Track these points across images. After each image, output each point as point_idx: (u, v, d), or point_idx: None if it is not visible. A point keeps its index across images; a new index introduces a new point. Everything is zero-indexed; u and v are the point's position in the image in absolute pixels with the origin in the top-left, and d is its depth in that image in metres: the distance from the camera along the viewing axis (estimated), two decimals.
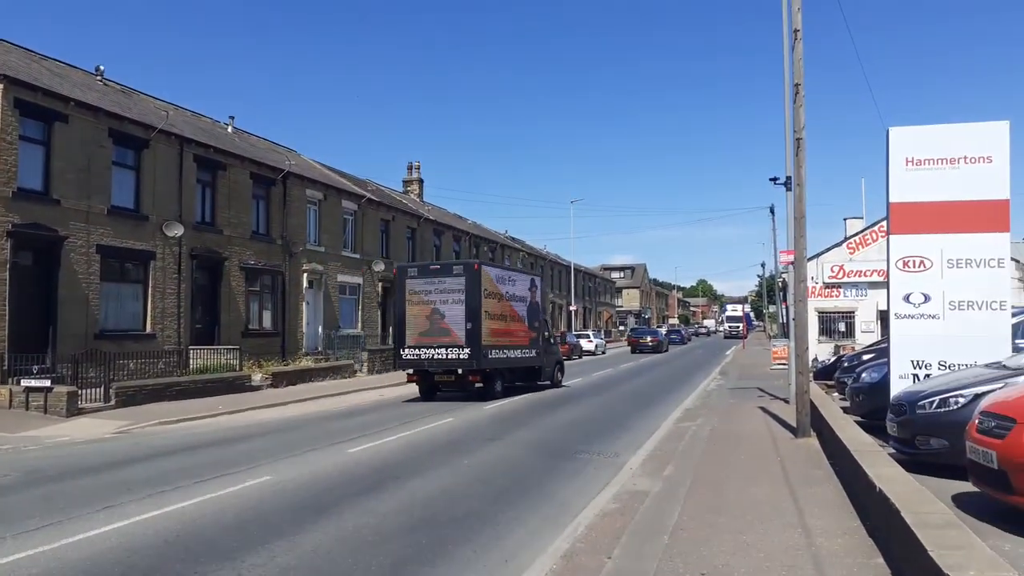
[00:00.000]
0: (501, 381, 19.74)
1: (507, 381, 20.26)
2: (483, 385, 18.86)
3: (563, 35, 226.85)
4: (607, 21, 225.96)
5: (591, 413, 16.16)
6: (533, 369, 21.77)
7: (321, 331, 28.74)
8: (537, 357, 21.72)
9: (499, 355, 19.43)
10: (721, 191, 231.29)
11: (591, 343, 46.18)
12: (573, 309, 59.05)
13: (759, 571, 5.19)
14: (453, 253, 42.11)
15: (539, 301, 22.60)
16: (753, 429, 12.48)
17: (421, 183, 46.69)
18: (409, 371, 19.47)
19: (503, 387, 19.77)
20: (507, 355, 19.92)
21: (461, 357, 18.41)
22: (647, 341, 49.54)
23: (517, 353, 20.50)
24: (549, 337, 23.52)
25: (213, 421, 15.53)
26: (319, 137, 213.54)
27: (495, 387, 19.27)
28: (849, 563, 5.27)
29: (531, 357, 21.38)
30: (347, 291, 31.31)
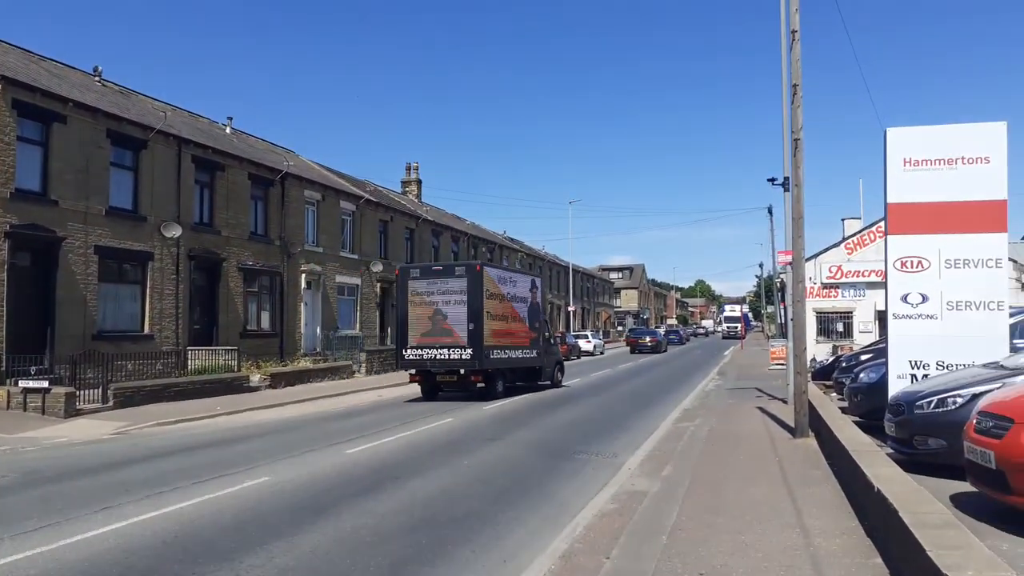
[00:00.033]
0: (503, 381, 19.77)
1: (508, 381, 20.30)
2: (485, 385, 18.92)
3: (563, 35, 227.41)
4: (607, 21, 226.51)
5: (590, 413, 16.17)
6: (534, 369, 21.80)
7: (319, 332, 28.73)
8: (538, 357, 21.76)
9: (501, 355, 19.46)
10: (720, 191, 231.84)
11: (589, 344, 46.21)
12: (571, 310, 59.05)
13: (757, 571, 5.19)
14: (451, 254, 42.11)
15: (539, 302, 22.68)
16: (751, 429, 12.49)
17: (419, 184, 46.70)
18: (411, 371, 19.50)
19: (504, 387, 19.80)
20: (508, 355, 19.94)
21: (463, 357, 18.45)
22: (646, 341, 49.77)
23: (518, 353, 20.53)
24: (549, 337, 23.60)
25: (211, 422, 15.52)
26: (319, 137, 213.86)
27: (497, 387, 19.30)
28: (847, 563, 5.28)
29: (532, 357, 21.41)
30: (345, 292, 31.31)
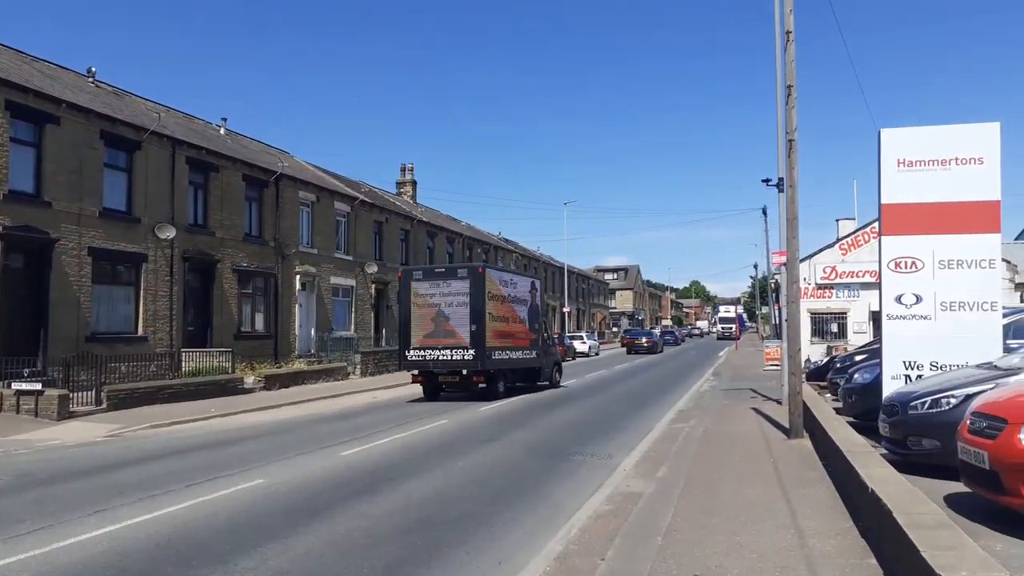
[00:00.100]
0: (503, 382, 19.96)
1: (509, 382, 20.49)
2: (486, 386, 19.12)
3: (563, 35, 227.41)
4: (607, 21, 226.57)
5: (585, 414, 16.17)
6: (533, 370, 22.01)
7: (314, 333, 28.67)
8: (537, 358, 21.97)
9: (502, 356, 19.65)
10: (716, 192, 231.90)
11: (584, 344, 46.27)
12: (566, 311, 59.06)
13: (752, 572, 5.19)
14: (446, 255, 42.08)
15: (539, 303, 22.91)
16: (746, 430, 12.51)
17: (414, 185, 46.65)
18: (414, 372, 19.64)
19: (505, 388, 19.98)
20: (509, 356, 20.13)
21: (466, 358, 18.63)
22: (642, 342, 50.13)
23: (519, 354, 20.72)
24: (548, 339, 23.87)
25: (205, 424, 15.47)
26: (318, 137, 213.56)
27: (498, 387, 19.48)
28: (842, 564, 5.29)
29: (532, 358, 21.61)
30: (340, 293, 31.26)
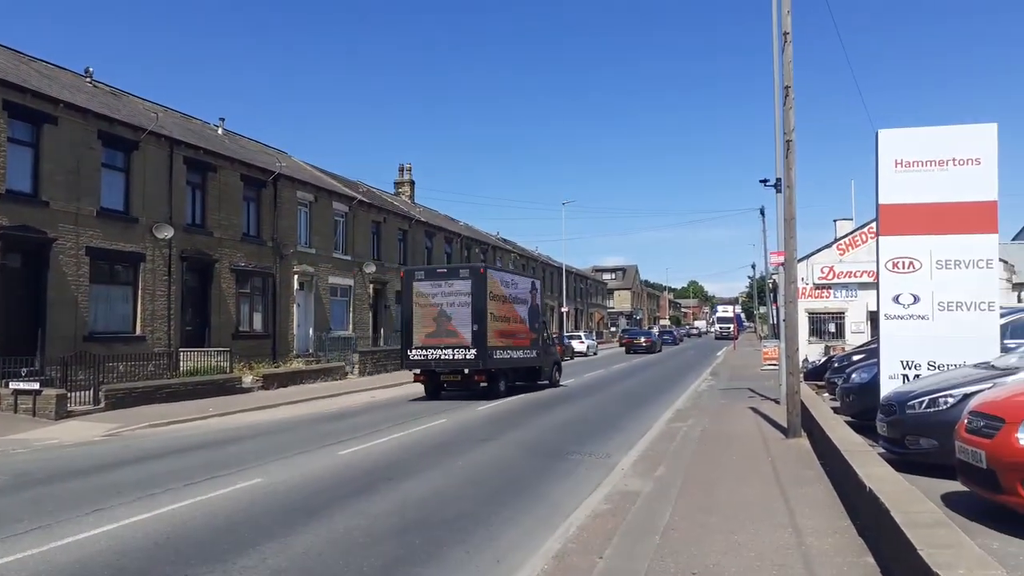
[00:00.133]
0: (504, 381, 20.13)
1: (510, 381, 20.67)
2: (488, 385, 19.30)
3: (563, 35, 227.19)
4: (607, 21, 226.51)
5: (583, 414, 16.18)
6: (534, 369, 22.24)
7: (312, 333, 28.67)
8: (537, 358, 22.20)
9: (503, 356, 19.82)
10: (715, 192, 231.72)
11: (583, 344, 46.34)
12: (564, 310, 59.08)
13: (750, 570, 5.20)
14: (444, 255, 42.08)
15: (539, 303, 23.19)
16: (744, 429, 12.52)
17: (412, 184, 46.64)
18: (416, 371, 19.77)
19: (506, 387, 20.15)
20: (510, 356, 20.32)
21: (467, 357, 18.78)
22: (641, 342, 50.57)
23: (519, 354, 20.91)
24: (548, 338, 24.14)
25: (203, 423, 15.46)
26: (317, 138, 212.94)
27: (499, 387, 19.65)
28: (839, 562, 5.29)
29: (532, 357, 21.83)
30: (338, 293, 31.26)
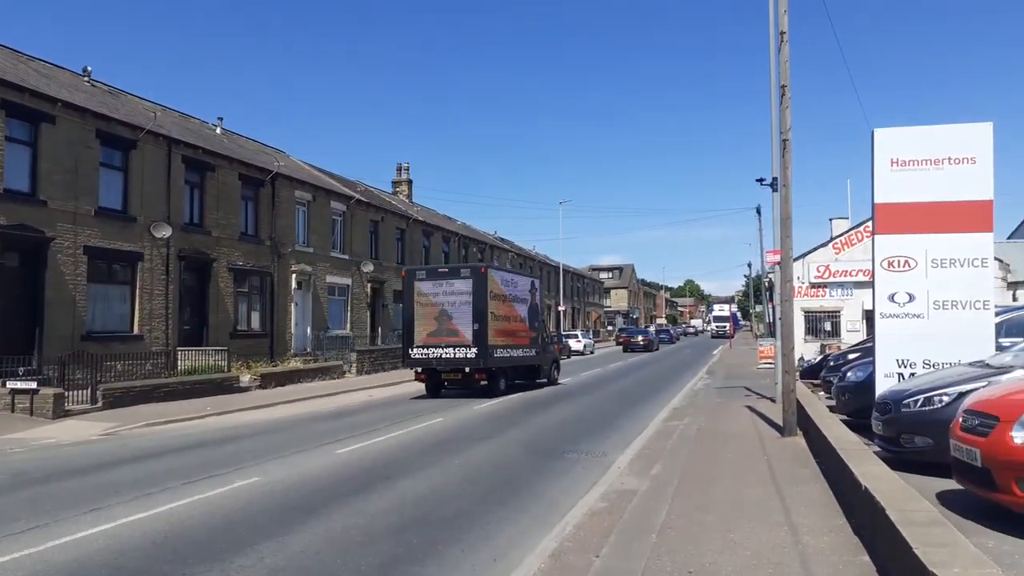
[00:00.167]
0: (505, 379, 20.31)
1: (510, 379, 20.84)
2: (488, 383, 19.47)
3: (563, 35, 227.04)
4: (607, 21, 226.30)
5: (580, 412, 16.20)
6: (533, 368, 22.47)
7: (310, 332, 28.66)
8: (537, 356, 22.42)
9: (504, 354, 20.01)
10: (712, 191, 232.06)
11: (579, 343, 46.32)
12: (562, 309, 59.08)
13: (746, 569, 5.22)
14: (442, 254, 42.09)
15: (538, 303, 23.39)
16: (740, 428, 12.54)
17: (410, 184, 46.66)
18: (417, 369, 19.93)
19: (506, 385, 20.32)
20: (511, 354, 20.51)
21: (468, 356, 18.96)
22: (638, 340, 50.94)
23: (519, 352, 21.11)
24: (547, 337, 24.40)
25: (201, 422, 15.46)
26: (317, 137, 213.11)
27: (499, 385, 19.84)
28: (835, 561, 5.32)
29: (531, 356, 22.05)
30: (336, 292, 31.24)
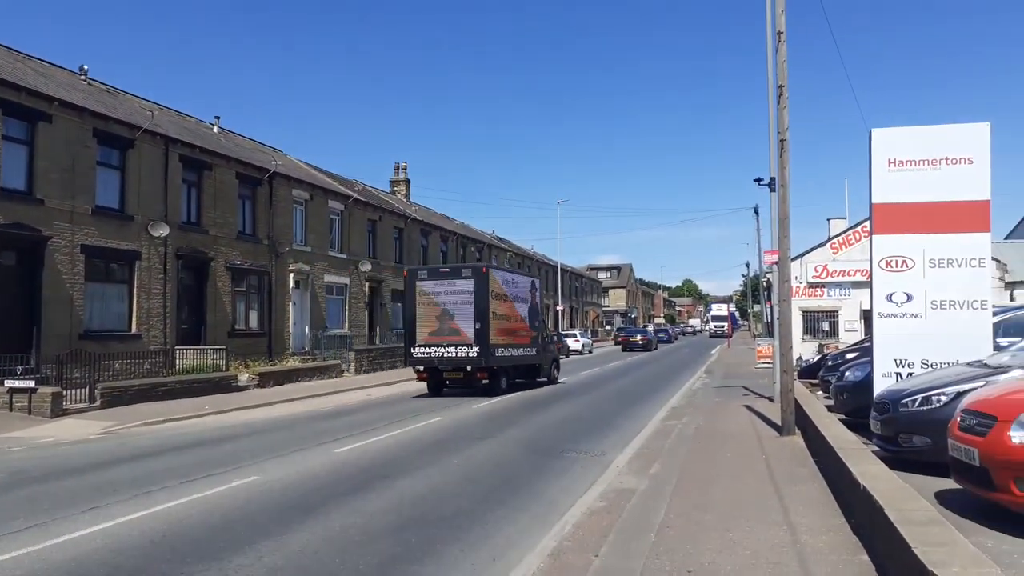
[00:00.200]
0: (506, 378, 20.43)
1: (511, 378, 20.95)
2: (489, 382, 19.56)
3: (563, 36, 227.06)
4: (607, 21, 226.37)
5: (579, 412, 16.21)
6: (533, 366, 22.62)
7: (308, 331, 28.63)
8: (537, 355, 22.57)
9: (505, 353, 20.13)
10: (710, 191, 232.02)
11: (578, 342, 46.34)
12: (560, 309, 59.08)
13: (745, 568, 5.23)
14: (440, 253, 42.07)
15: (539, 302, 23.56)
16: (738, 427, 12.56)
17: (408, 183, 46.64)
18: (419, 368, 20.03)
19: (507, 384, 20.42)
20: (512, 353, 20.65)
21: (470, 355, 19.08)
22: (637, 340, 51.29)
23: (520, 351, 21.26)
24: (547, 336, 24.55)
25: (199, 421, 15.45)
26: (318, 137, 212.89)
27: (501, 384, 19.95)
28: (834, 560, 5.32)
29: (532, 355, 22.20)
30: (334, 291, 31.21)
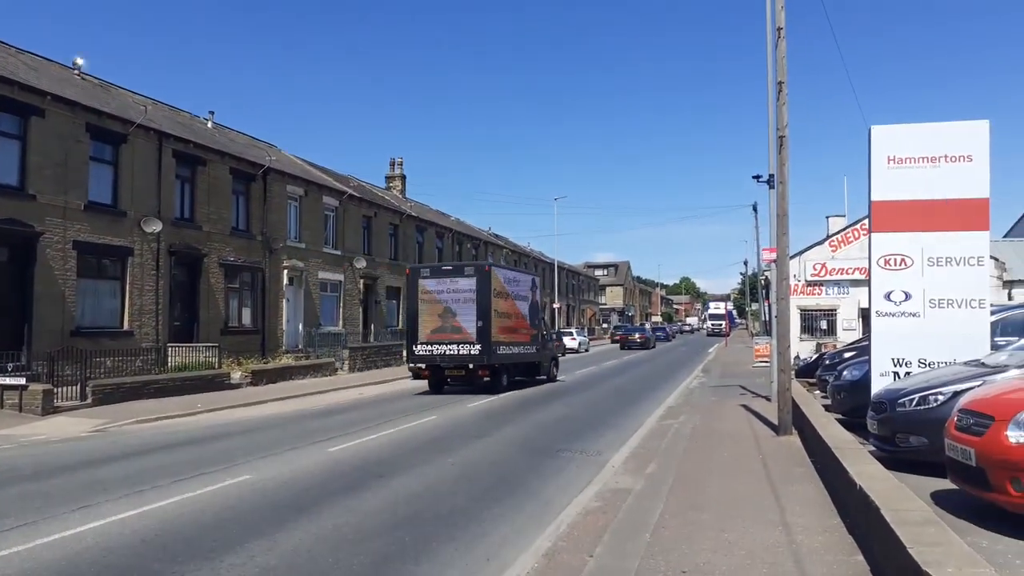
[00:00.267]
0: (507, 375, 20.52)
1: (511, 376, 21.04)
2: (491, 379, 19.66)
3: (563, 36, 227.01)
4: (607, 21, 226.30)
5: (574, 411, 16.17)
6: (533, 364, 22.77)
7: (302, 328, 28.53)
8: (537, 353, 22.75)
9: (506, 351, 20.29)
10: (710, 189, 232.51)
11: (574, 341, 46.28)
12: (557, 307, 59.02)
13: (741, 569, 5.19)
14: (436, 250, 42.00)
15: (539, 300, 23.73)
16: (735, 427, 12.54)
17: (404, 179, 46.54)
18: (421, 366, 20.10)
19: (508, 381, 20.50)
20: (513, 351, 20.81)
21: (472, 353, 19.22)
22: (636, 338, 51.48)
23: (520, 349, 21.43)
24: (547, 334, 24.70)
25: (192, 419, 15.37)
26: (316, 136, 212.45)
27: (502, 381, 20.04)
28: (829, 560, 5.29)
29: (532, 353, 22.39)
30: (328, 288, 31.10)
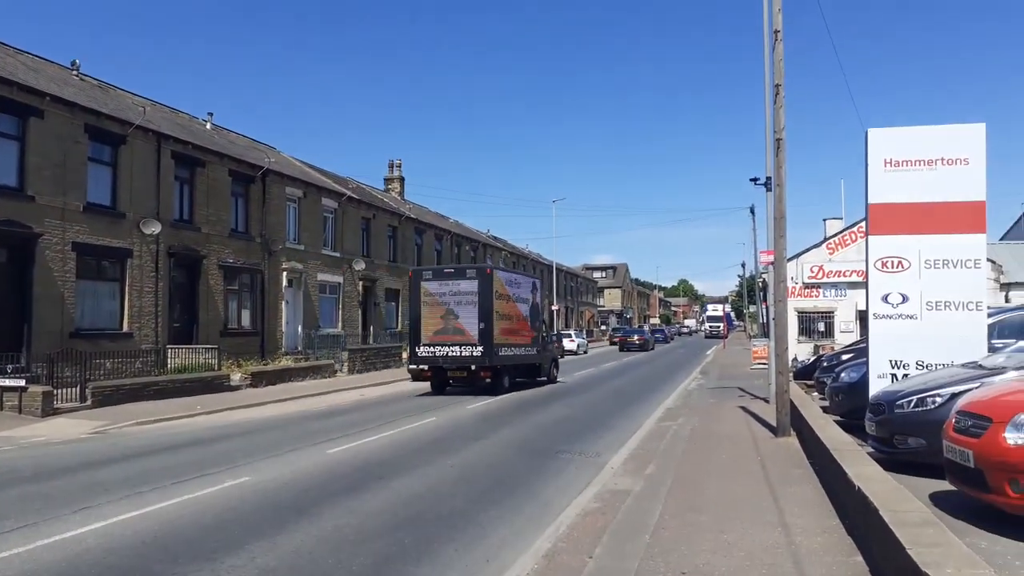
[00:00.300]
0: (508, 377, 20.61)
1: (513, 377, 21.12)
2: (492, 381, 19.76)
3: (563, 36, 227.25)
4: (607, 22, 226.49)
5: (573, 412, 16.18)
6: (534, 366, 22.90)
7: (301, 330, 28.54)
8: (538, 355, 22.87)
9: (508, 353, 20.41)
10: (708, 191, 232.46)
11: (573, 343, 46.31)
12: (555, 309, 59.01)
13: (739, 570, 5.21)
14: (434, 252, 42.02)
15: (539, 302, 23.84)
16: (733, 429, 12.56)
17: (402, 181, 46.57)
18: (423, 367, 20.25)
19: (509, 383, 20.60)
20: (514, 353, 20.94)
21: (474, 354, 19.36)
22: (635, 340, 51.55)
23: (521, 351, 21.56)
24: (547, 336, 24.89)
25: (191, 421, 15.37)
26: (316, 135, 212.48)
27: (503, 382, 20.14)
28: (828, 561, 5.31)
29: (533, 355, 22.51)
30: (327, 290, 31.11)
